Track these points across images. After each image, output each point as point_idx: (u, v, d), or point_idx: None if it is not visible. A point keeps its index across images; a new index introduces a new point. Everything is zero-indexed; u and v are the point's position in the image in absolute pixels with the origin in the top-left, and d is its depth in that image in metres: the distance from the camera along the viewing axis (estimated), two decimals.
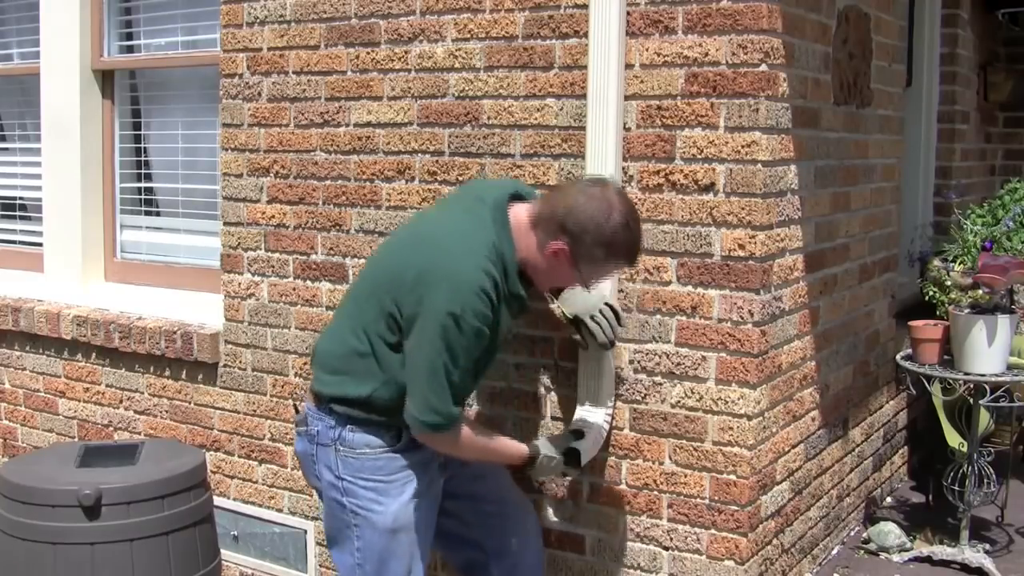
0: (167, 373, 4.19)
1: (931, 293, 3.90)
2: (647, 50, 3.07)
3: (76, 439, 4.50)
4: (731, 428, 3.02)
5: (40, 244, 4.82)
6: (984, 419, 4.13)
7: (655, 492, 3.15)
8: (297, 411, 2.86)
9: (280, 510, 3.90)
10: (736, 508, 3.04)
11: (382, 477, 2.74)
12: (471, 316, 2.53)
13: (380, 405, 2.71)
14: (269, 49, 3.81)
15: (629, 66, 3.09)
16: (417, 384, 2.59)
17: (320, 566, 3.84)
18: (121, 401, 4.35)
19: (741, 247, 2.98)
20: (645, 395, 3.14)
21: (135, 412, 4.31)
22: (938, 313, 3.86)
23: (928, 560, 3.76)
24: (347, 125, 3.64)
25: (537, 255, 2.65)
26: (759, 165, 2.94)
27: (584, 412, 3.11)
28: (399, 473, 2.75)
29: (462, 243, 2.59)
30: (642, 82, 3.08)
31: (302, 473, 2.93)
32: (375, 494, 2.74)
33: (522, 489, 3.14)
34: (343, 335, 2.76)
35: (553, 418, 3.30)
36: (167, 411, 4.20)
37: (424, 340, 2.55)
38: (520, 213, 2.68)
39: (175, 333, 4.11)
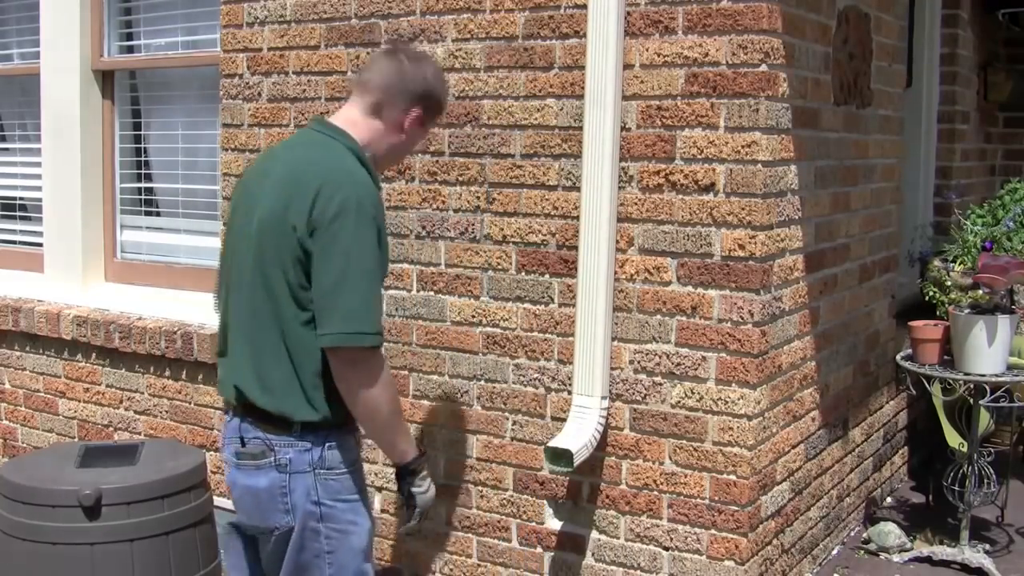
0: (167, 373, 4.19)
1: (931, 293, 3.90)
2: (647, 50, 3.07)
3: (76, 439, 4.50)
4: (731, 428, 3.02)
5: (40, 244, 4.82)
6: (984, 419, 4.14)
7: (655, 492, 3.15)
8: (244, 444, 2.50)
9: None
10: (736, 508, 3.04)
11: (354, 494, 2.53)
12: (373, 208, 2.43)
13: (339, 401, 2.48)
14: (269, 49, 3.81)
15: (629, 66, 3.09)
16: (337, 296, 2.36)
17: None
18: (121, 401, 4.35)
19: (741, 247, 2.98)
20: (645, 395, 3.14)
21: (135, 412, 4.31)
22: (938, 313, 3.86)
23: (928, 560, 3.76)
24: None
25: (386, 137, 2.57)
26: (759, 165, 2.94)
27: (580, 400, 3.13)
28: (360, 486, 2.57)
29: (330, 154, 2.48)
30: (642, 82, 3.08)
31: (248, 515, 2.56)
32: (352, 514, 2.52)
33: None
34: (271, 342, 2.44)
35: (553, 418, 3.30)
36: (167, 411, 4.20)
37: (336, 249, 2.36)
38: (345, 116, 2.58)
39: (175, 333, 4.11)
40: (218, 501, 3.27)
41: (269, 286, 2.42)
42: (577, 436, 3.09)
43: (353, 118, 2.56)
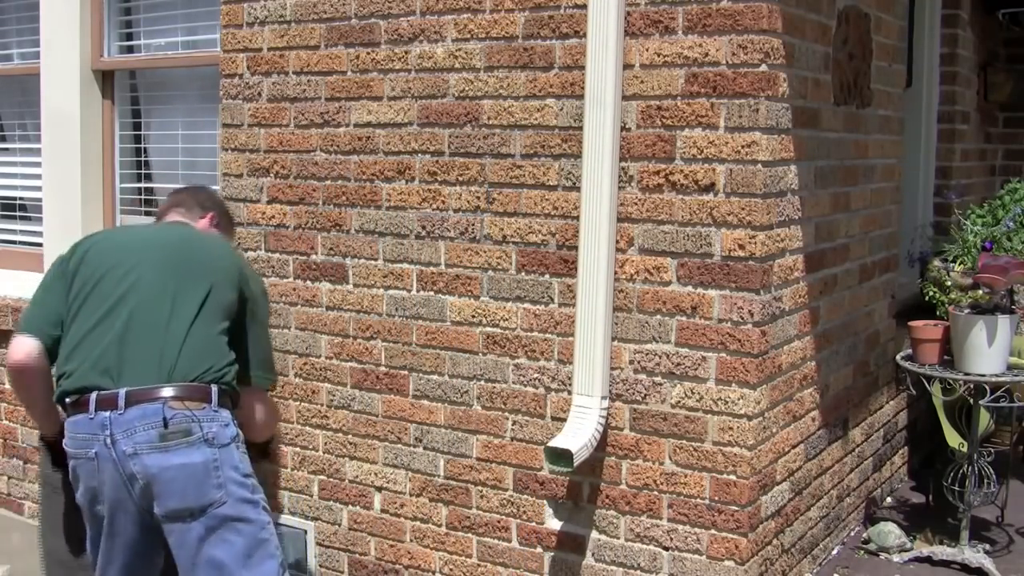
0: None
1: (931, 293, 3.90)
2: (647, 50, 3.07)
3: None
4: (731, 428, 3.02)
5: (40, 244, 4.82)
6: (984, 419, 4.14)
7: (655, 492, 3.15)
8: (167, 424, 2.70)
9: (280, 510, 3.90)
10: (736, 508, 3.04)
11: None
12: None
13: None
14: (269, 49, 3.81)
15: (629, 66, 3.09)
16: (266, 349, 3.23)
17: (320, 566, 3.84)
18: None
19: (741, 247, 2.98)
20: (645, 395, 3.14)
21: None
22: (938, 313, 3.86)
23: (928, 560, 3.76)
24: (347, 125, 3.64)
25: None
26: (759, 165, 2.94)
27: (580, 400, 3.12)
28: None
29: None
30: (642, 82, 3.08)
31: (181, 493, 2.66)
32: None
33: None
34: (185, 329, 2.88)
35: (553, 418, 3.30)
36: None
37: (261, 312, 3.19)
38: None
39: None
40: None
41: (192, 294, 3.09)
42: (577, 436, 3.09)
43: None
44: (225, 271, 3.05)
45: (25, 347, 2.87)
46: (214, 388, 2.78)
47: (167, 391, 2.72)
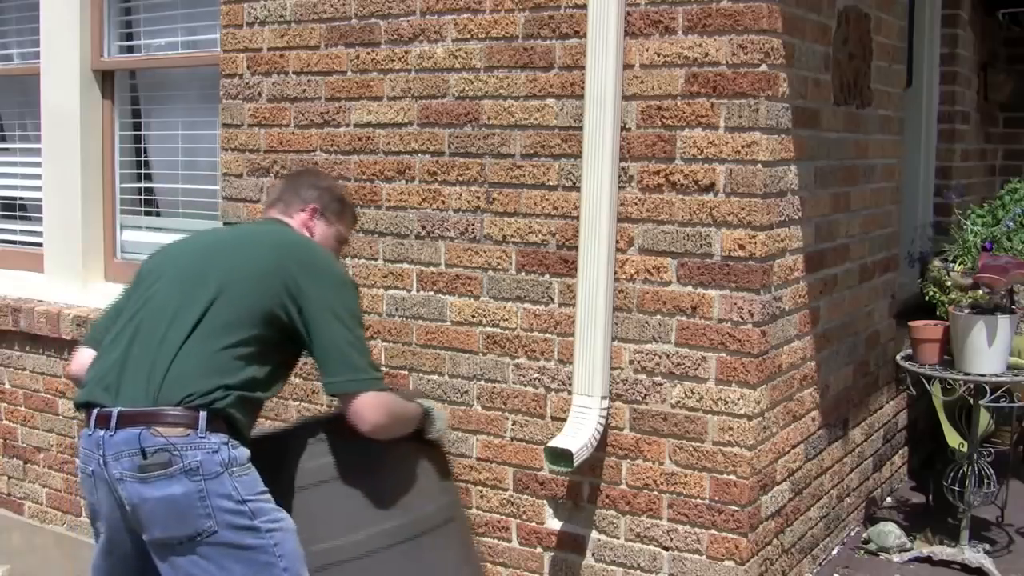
0: None
1: (931, 293, 3.89)
2: (647, 50, 3.07)
3: (76, 439, 4.49)
4: (731, 428, 3.02)
5: (40, 244, 4.82)
6: (984, 419, 4.13)
7: (655, 492, 3.15)
8: (145, 455, 2.48)
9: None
10: (736, 508, 3.04)
11: (264, 486, 2.59)
12: (355, 285, 2.77)
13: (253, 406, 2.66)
14: (269, 49, 3.81)
15: (629, 66, 3.09)
16: (343, 349, 2.62)
17: None
18: None
19: (741, 247, 2.98)
20: (645, 395, 3.14)
21: None
22: (938, 313, 3.86)
23: (928, 560, 3.76)
24: (347, 125, 3.64)
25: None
26: (759, 165, 2.94)
27: (580, 400, 3.13)
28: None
29: (305, 237, 2.88)
30: (642, 82, 3.08)
31: (163, 524, 2.48)
32: (273, 503, 2.58)
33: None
34: (199, 349, 2.58)
35: (553, 418, 3.30)
36: None
37: (334, 310, 2.64)
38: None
39: None
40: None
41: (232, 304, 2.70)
42: (577, 436, 3.09)
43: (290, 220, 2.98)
44: (256, 276, 2.64)
45: (79, 358, 2.80)
46: (202, 414, 2.50)
47: (151, 416, 2.51)
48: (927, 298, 3.93)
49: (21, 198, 5.09)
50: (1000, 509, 4.11)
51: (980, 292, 3.59)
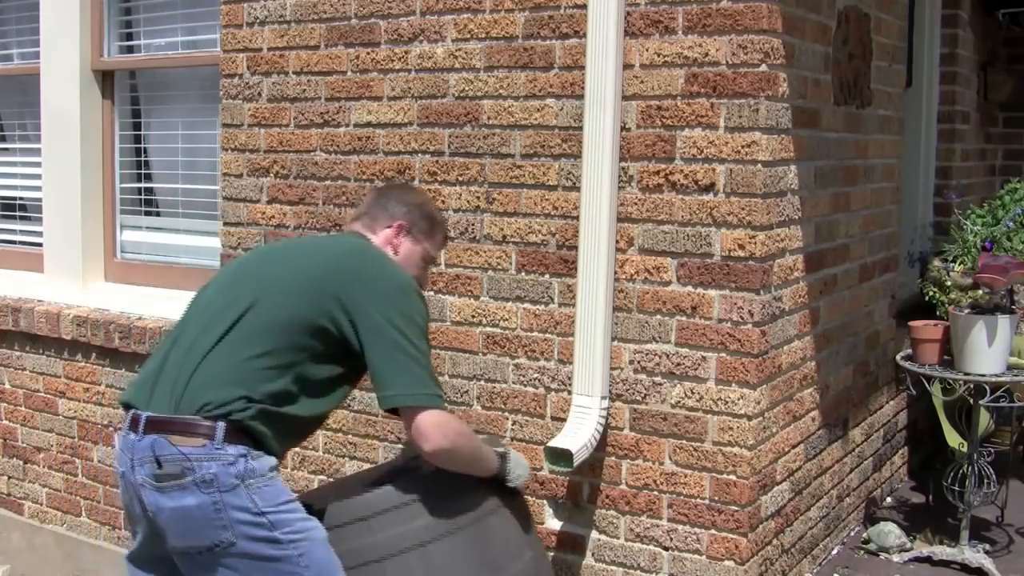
0: None
1: (931, 293, 3.89)
2: (647, 50, 3.07)
3: (76, 439, 4.50)
4: (731, 428, 3.02)
5: (40, 244, 4.82)
6: (984, 419, 4.13)
7: (655, 492, 3.15)
8: (159, 464, 2.42)
9: None
10: (736, 508, 3.04)
11: (292, 495, 2.52)
12: (420, 296, 2.60)
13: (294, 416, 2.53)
14: (269, 49, 3.81)
15: (629, 66, 3.09)
16: (402, 363, 2.48)
17: None
18: None
19: (741, 247, 2.98)
20: (645, 395, 3.14)
21: None
22: (938, 313, 3.86)
23: (928, 560, 3.76)
24: (347, 125, 3.64)
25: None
26: (759, 165, 2.94)
27: (580, 400, 3.12)
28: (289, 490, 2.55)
29: (372, 247, 2.74)
30: (642, 82, 3.08)
31: (180, 535, 2.43)
32: (301, 512, 2.49)
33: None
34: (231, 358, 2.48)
35: (553, 418, 3.30)
36: None
37: (393, 323, 2.49)
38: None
39: None
40: None
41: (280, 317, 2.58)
42: (577, 436, 3.09)
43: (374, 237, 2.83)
44: (298, 286, 2.52)
45: None
46: (220, 424, 2.40)
47: (169, 424, 2.45)
48: (927, 298, 3.93)
49: (21, 198, 5.09)
50: (1000, 509, 4.11)
51: (980, 292, 3.59)
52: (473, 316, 3.42)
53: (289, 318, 2.48)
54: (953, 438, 4.27)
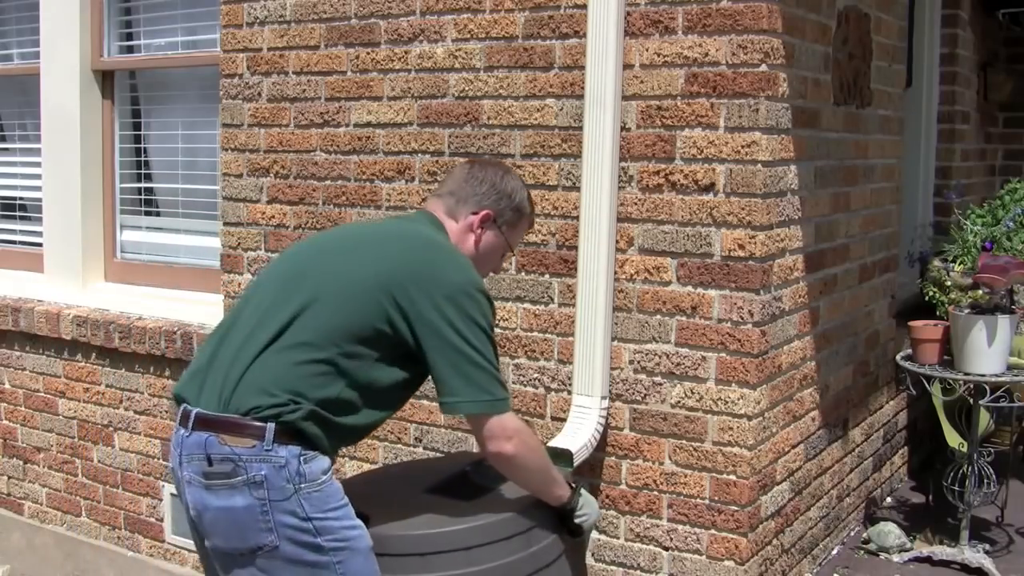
0: (167, 373, 4.19)
1: (931, 293, 3.89)
2: (647, 50, 3.07)
3: (76, 439, 4.50)
4: (731, 428, 3.02)
5: (40, 244, 4.82)
6: (984, 419, 4.13)
7: (655, 492, 3.15)
8: (210, 462, 2.33)
9: None
10: (736, 508, 3.04)
11: (342, 500, 2.39)
12: (485, 295, 2.42)
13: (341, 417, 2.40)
14: (269, 49, 3.81)
15: (629, 66, 3.09)
16: (463, 368, 2.35)
17: None
18: (121, 401, 4.35)
19: (741, 247, 2.98)
20: (645, 395, 3.14)
21: (135, 412, 4.31)
22: (938, 313, 3.86)
23: (928, 560, 3.76)
24: (347, 125, 3.64)
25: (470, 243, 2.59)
26: (759, 165, 2.94)
27: (580, 400, 3.12)
28: (342, 492, 2.42)
29: (436, 240, 2.51)
30: (642, 82, 3.08)
31: (224, 535, 2.36)
32: (348, 519, 2.38)
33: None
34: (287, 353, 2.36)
35: (553, 418, 3.30)
36: (167, 411, 4.20)
37: (455, 326, 2.35)
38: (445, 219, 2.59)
39: (175, 333, 4.11)
40: None
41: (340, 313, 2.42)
42: (577, 436, 3.09)
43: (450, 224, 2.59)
44: (355, 287, 2.37)
45: None
46: (270, 426, 2.30)
47: (218, 423, 2.36)
48: (927, 298, 3.93)
49: (21, 198, 5.09)
50: (1000, 509, 4.11)
51: (980, 292, 3.59)
52: None
53: (346, 323, 2.35)
54: (953, 438, 4.27)
